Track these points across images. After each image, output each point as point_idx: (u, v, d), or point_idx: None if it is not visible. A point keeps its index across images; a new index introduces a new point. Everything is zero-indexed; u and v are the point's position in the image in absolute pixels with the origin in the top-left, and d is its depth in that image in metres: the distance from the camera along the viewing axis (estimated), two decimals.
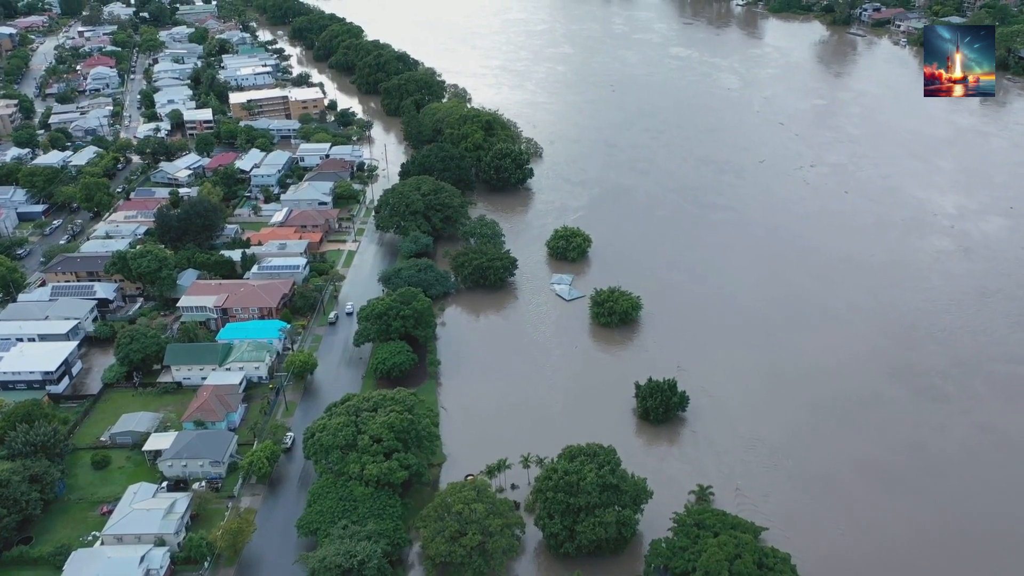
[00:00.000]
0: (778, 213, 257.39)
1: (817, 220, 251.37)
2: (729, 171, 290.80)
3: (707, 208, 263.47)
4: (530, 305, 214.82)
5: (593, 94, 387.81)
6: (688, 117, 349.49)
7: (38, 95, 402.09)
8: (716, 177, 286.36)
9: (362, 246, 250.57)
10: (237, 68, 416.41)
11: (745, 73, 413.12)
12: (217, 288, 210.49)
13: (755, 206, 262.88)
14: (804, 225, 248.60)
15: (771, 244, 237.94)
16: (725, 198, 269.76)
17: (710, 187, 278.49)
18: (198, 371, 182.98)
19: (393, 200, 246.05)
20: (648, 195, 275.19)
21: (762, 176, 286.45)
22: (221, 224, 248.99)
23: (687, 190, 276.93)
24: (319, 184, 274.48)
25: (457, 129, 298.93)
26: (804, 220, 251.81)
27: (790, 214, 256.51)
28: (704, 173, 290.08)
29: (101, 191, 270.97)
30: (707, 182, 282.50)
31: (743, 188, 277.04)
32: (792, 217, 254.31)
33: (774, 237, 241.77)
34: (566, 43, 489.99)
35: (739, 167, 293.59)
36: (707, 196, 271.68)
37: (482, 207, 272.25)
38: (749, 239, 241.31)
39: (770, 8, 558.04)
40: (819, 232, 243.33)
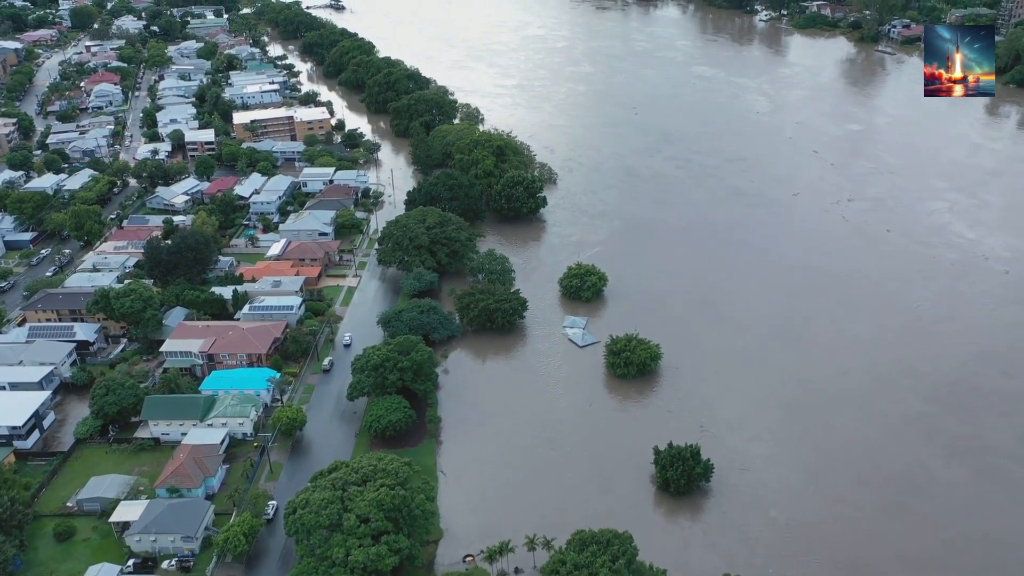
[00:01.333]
0: (815, 254, 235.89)
1: (858, 263, 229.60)
2: (761, 205, 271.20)
3: (737, 247, 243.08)
4: (540, 351, 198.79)
5: (614, 117, 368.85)
6: (716, 144, 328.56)
7: (39, 113, 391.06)
8: (747, 212, 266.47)
9: (363, 281, 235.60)
10: (244, 85, 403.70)
11: (774, 95, 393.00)
12: (204, 331, 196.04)
13: (790, 246, 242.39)
14: (844, 269, 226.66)
15: (808, 291, 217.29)
16: (757, 236, 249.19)
17: (740, 223, 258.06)
18: (177, 427, 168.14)
19: (396, 233, 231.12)
20: (672, 230, 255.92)
21: (797, 211, 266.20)
22: (214, 257, 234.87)
23: (715, 226, 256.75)
24: (320, 213, 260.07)
25: (467, 155, 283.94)
26: (845, 264, 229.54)
27: (829, 256, 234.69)
28: (734, 207, 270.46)
29: (91, 219, 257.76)
30: (737, 217, 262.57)
31: (776, 225, 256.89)
32: (831, 259, 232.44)
33: (812, 283, 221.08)
34: (586, 61, 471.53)
35: (772, 201, 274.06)
36: (737, 233, 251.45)
37: (492, 238, 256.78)
38: (783, 284, 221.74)
39: (795, 24, 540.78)
40: (861, 278, 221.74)
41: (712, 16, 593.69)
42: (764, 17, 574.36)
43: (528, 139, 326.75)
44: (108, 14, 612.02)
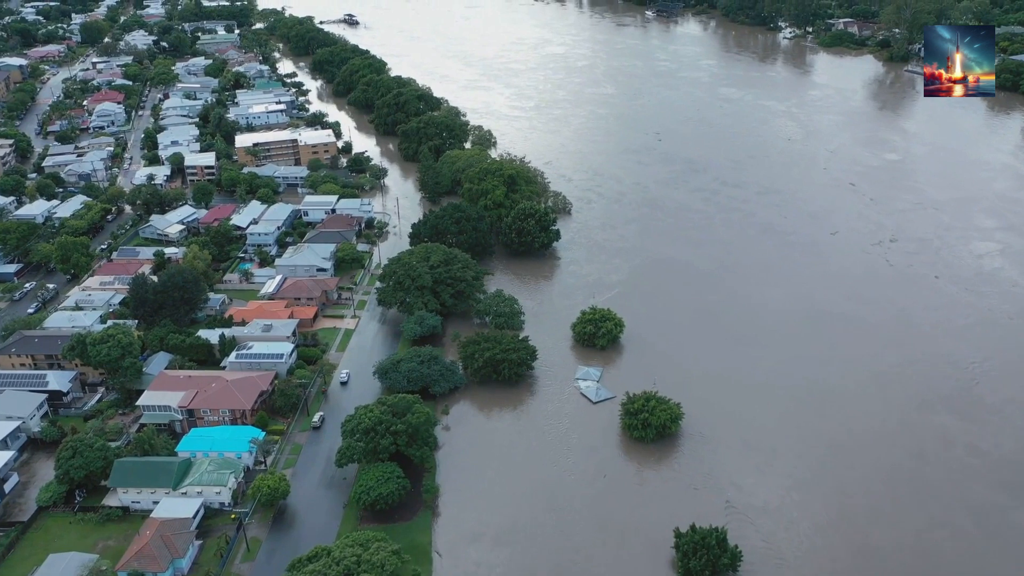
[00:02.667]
0: (857, 302, 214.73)
1: (906, 315, 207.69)
2: (796, 245, 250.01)
3: (770, 292, 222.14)
4: (550, 407, 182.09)
5: (636, 142, 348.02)
6: (745, 174, 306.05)
7: (39, 133, 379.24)
8: (781, 252, 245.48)
9: (362, 323, 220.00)
10: (250, 105, 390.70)
11: (805, 120, 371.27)
12: (185, 382, 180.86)
13: (829, 293, 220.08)
14: (890, 322, 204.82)
15: (850, 345, 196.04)
16: (792, 280, 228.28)
17: (774, 265, 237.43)
18: (149, 494, 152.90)
19: (398, 272, 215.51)
20: (698, 272, 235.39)
21: (836, 253, 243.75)
22: (204, 296, 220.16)
23: (746, 267, 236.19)
24: (319, 247, 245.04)
25: (476, 184, 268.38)
26: (890, 315, 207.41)
27: (872, 305, 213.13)
28: (766, 246, 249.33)
29: (79, 251, 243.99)
30: (770, 258, 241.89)
31: (813, 268, 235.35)
32: (875, 310, 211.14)
33: (854, 337, 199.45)
34: (607, 82, 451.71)
35: (808, 240, 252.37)
36: (770, 276, 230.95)
37: (501, 276, 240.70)
38: (821, 337, 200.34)
39: (820, 42, 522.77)
40: (909, 334, 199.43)
41: (735, 33, 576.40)
42: (788, 35, 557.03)
43: (544, 166, 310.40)
44: (119, 29, 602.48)
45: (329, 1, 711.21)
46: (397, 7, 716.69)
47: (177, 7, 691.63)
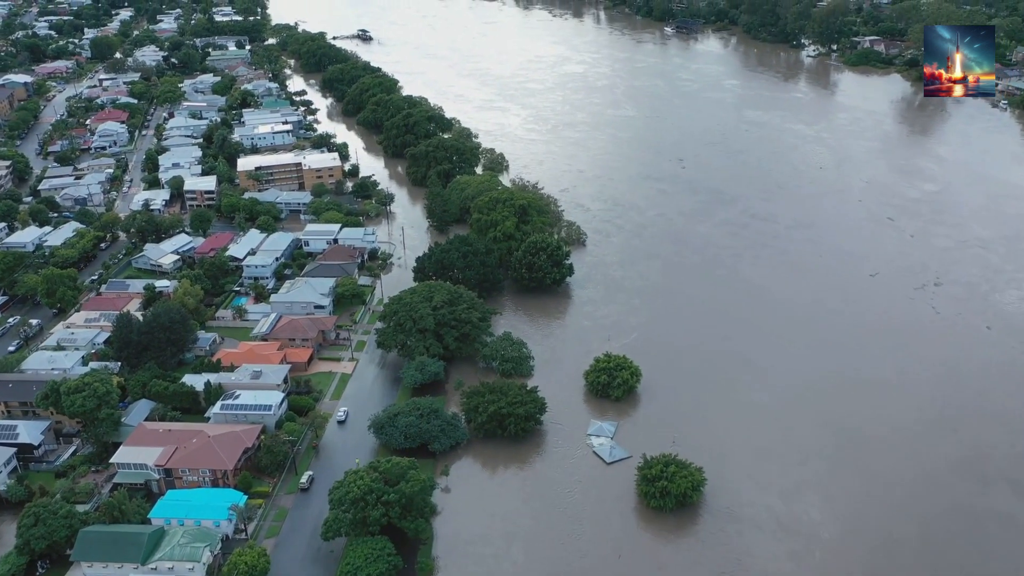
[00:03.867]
0: (905, 358, 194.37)
1: (959, 376, 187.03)
2: (833, 288, 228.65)
3: (804, 341, 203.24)
4: (560, 467, 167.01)
5: (659, 169, 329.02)
6: (775, 206, 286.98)
7: (39, 153, 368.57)
8: (817, 296, 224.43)
9: (360, 366, 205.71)
10: (255, 125, 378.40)
11: (836, 146, 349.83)
12: (165, 436, 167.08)
13: (871, 346, 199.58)
14: (941, 382, 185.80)
15: (896, 408, 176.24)
16: (829, 330, 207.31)
17: (808, 312, 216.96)
18: (116, 569, 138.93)
19: (399, 312, 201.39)
20: (725, 317, 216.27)
21: (876, 297, 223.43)
22: (192, 337, 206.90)
23: (778, 313, 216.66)
24: (318, 282, 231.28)
25: (485, 214, 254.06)
26: (941, 375, 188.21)
27: (922, 363, 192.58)
28: (800, 289, 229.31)
29: (65, 284, 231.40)
30: (804, 303, 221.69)
31: (853, 315, 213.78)
32: (925, 368, 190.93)
33: (899, 397, 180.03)
34: (628, 103, 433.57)
35: (845, 281, 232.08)
36: (805, 323, 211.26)
37: (509, 315, 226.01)
38: (863, 398, 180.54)
39: (846, 60, 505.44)
40: (964, 396, 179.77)
41: (756, 51, 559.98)
42: (812, 53, 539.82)
43: (560, 193, 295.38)
44: (130, 44, 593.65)
45: (343, 16, 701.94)
46: (413, 22, 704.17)
47: (190, 21, 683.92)
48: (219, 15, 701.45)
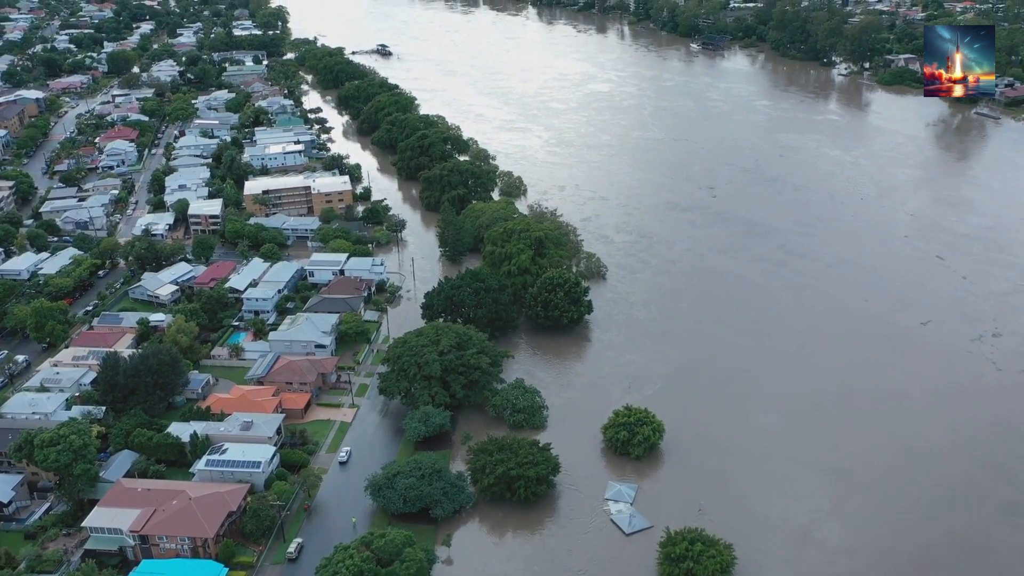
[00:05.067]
0: (965, 425, 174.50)
1: (1019, 435, 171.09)
2: (880, 337, 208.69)
3: (851, 402, 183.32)
4: (574, 537, 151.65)
5: (688, 198, 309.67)
6: (814, 240, 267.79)
7: (46, 172, 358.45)
8: (861, 346, 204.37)
9: (361, 414, 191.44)
10: (267, 144, 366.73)
11: (877, 174, 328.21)
12: (143, 496, 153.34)
13: (926, 408, 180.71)
14: (1005, 452, 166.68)
15: (950, 482, 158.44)
16: (880, 390, 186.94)
17: (853, 364, 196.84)
18: None
19: (404, 357, 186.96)
20: (760, 368, 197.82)
21: (930, 350, 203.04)
22: (183, 379, 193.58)
23: (820, 367, 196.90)
24: (320, 319, 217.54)
25: (499, 247, 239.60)
26: (1007, 445, 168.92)
27: (985, 431, 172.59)
28: (844, 338, 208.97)
29: (55, 318, 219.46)
30: (848, 354, 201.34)
31: (905, 371, 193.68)
32: (987, 436, 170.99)
33: (964, 470, 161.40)
34: (655, 124, 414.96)
35: (893, 330, 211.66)
36: (851, 380, 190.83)
37: (523, 356, 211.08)
38: (920, 468, 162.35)
39: (879, 80, 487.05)
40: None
41: (785, 68, 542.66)
42: (843, 71, 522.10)
43: (582, 223, 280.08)
44: (148, 58, 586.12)
45: (364, 31, 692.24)
46: (435, 37, 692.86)
47: (210, 35, 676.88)
48: (239, 29, 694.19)
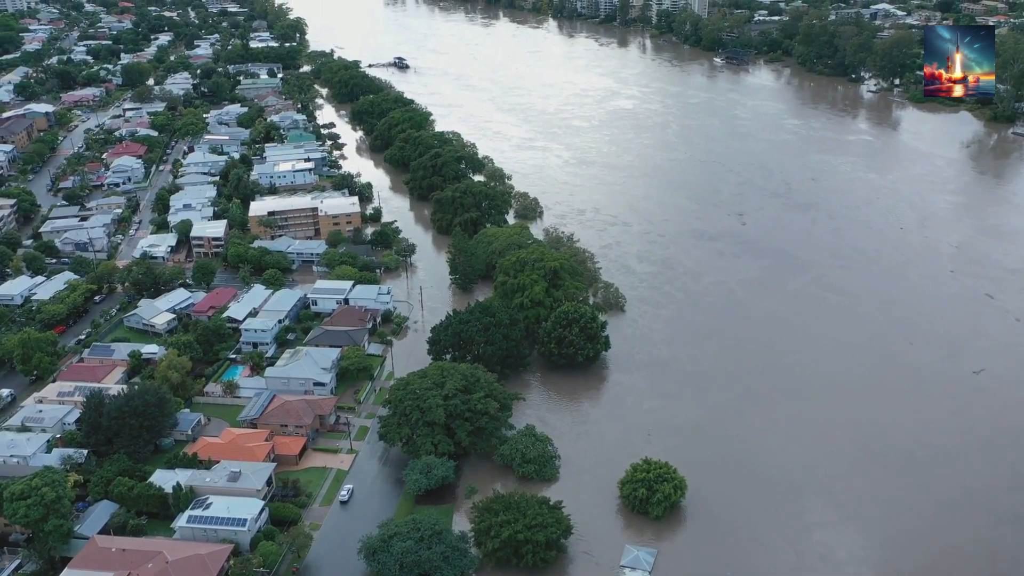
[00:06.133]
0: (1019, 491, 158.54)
1: None
2: (931, 384, 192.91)
3: (896, 461, 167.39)
4: None
5: (716, 225, 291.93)
6: (854, 275, 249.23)
7: (50, 189, 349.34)
8: (912, 400, 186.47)
9: (359, 461, 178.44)
10: (276, 162, 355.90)
11: (916, 200, 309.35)
12: (118, 557, 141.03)
13: (983, 471, 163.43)
14: None
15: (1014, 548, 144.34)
16: (928, 447, 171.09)
17: (898, 419, 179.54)
18: None
19: (406, 401, 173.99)
20: (795, 420, 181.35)
21: (985, 404, 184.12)
22: (171, 422, 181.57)
23: (862, 420, 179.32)
24: (320, 354, 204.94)
25: (512, 277, 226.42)
26: None
27: None
28: (889, 391, 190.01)
29: (42, 349, 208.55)
30: (896, 406, 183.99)
31: (958, 429, 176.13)
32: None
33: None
34: (681, 144, 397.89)
35: (945, 379, 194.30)
36: (896, 437, 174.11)
37: (535, 398, 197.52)
38: (973, 537, 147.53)
39: (910, 97, 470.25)
40: None
41: (812, 84, 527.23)
42: (873, 87, 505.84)
43: (602, 250, 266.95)
44: (163, 70, 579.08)
45: (383, 43, 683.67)
46: (454, 50, 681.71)
47: (227, 47, 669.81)
48: (256, 40, 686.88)
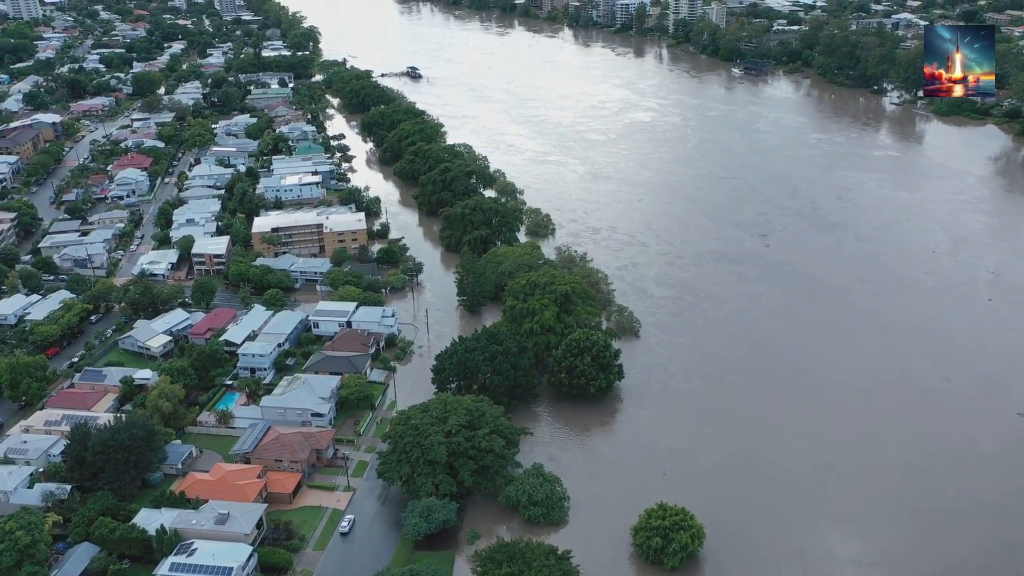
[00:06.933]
0: None
1: None
2: (971, 425, 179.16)
3: (932, 507, 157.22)
4: None
5: (737, 246, 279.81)
6: (886, 302, 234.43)
7: (53, 202, 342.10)
8: (949, 445, 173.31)
9: (357, 499, 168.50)
10: (283, 175, 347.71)
11: (948, 221, 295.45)
12: None
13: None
14: None
15: None
16: (970, 499, 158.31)
17: (937, 466, 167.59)
18: None
19: (406, 437, 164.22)
20: (823, 463, 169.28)
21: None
22: (159, 455, 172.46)
23: (896, 464, 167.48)
24: (319, 382, 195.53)
25: (521, 301, 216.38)
26: None
27: None
28: (927, 434, 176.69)
29: (31, 375, 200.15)
30: (932, 454, 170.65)
31: (998, 475, 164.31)
32: None
33: None
34: (702, 158, 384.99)
35: (986, 421, 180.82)
36: (932, 485, 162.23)
37: (544, 432, 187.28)
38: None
39: (935, 110, 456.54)
40: None
41: (832, 96, 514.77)
42: (896, 99, 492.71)
43: (617, 272, 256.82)
44: (174, 80, 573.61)
45: (397, 52, 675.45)
46: (469, 59, 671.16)
47: (240, 56, 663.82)
48: (269, 49, 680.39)
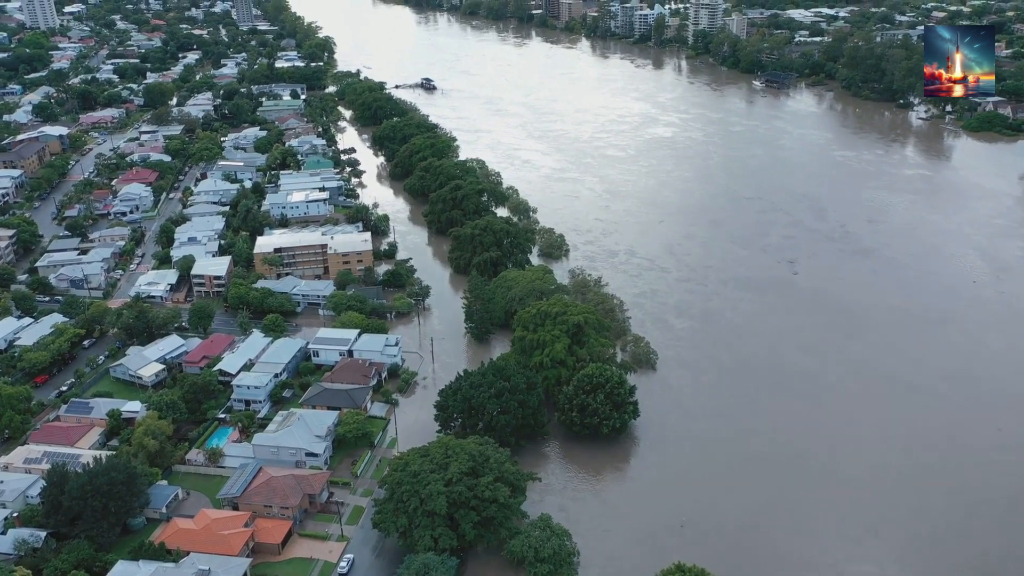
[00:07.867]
0: None
1: None
2: (1019, 483, 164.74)
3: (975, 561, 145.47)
4: None
5: (764, 274, 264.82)
6: (926, 339, 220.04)
7: (55, 218, 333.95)
8: (998, 503, 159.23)
9: (351, 551, 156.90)
10: (290, 191, 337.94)
11: (988, 248, 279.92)
12: None
13: None
14: None
15: None
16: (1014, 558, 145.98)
17: (987, 525, 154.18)
18: None
19: (404, 485, 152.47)
20: (858, 525, 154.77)
21: None
22: (141, 500, 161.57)
23: (938, 526, 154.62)
24: (315, 418, 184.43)
25: (531, 332, 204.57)
26: None
27: None
28: (973, 489, 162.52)
29: (13, 408, 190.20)
30: (980, 514, 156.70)
31: None
32: None
33: None
34: (724, 175, 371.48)
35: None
36: (983, 548, 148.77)
37: (553, 476, 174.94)
38: None
39: (965, 125, 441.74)
40: None
41: (857, 110, 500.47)
42: (923, 114, 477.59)
43: (635, 299, 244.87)
44: (187, 90, 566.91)
45: (412, 63, 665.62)
46: (485, 71, 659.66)
47: (254, 66, 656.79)
48: (283, 60, 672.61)
